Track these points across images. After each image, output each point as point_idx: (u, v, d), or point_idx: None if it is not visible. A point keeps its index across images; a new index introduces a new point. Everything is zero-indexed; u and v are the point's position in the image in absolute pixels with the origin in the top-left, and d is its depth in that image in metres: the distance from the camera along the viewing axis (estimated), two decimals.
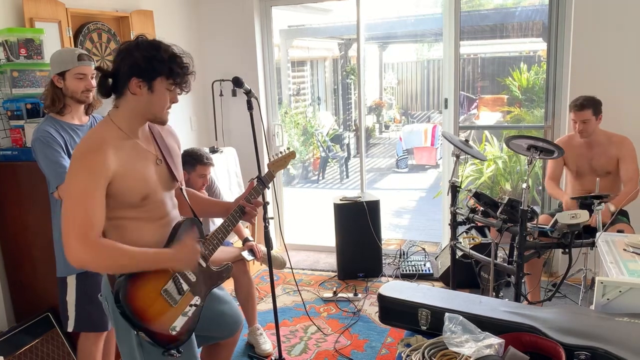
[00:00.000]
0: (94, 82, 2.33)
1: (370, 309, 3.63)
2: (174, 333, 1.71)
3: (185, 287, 1.78)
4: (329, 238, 4.48)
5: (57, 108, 2.31)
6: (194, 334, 1.83)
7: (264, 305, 3.73)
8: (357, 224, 4.10)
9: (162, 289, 1.70)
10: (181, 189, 1.97)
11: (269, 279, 2.65)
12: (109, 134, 1.66)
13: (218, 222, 2.56)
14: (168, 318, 1.71)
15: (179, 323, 1.73)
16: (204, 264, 1.90)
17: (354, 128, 10.89)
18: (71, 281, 2.36)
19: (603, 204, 2.81)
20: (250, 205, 2.06)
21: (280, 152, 2.32)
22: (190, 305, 1.78)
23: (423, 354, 1.78)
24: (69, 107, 2.34)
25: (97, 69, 1.71)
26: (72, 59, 2.29)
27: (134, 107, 1.68)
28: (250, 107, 2.43)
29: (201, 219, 1.99)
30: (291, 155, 2.33)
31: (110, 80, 1.67)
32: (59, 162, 2.22)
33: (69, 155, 2.23)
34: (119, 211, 1.66)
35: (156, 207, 1.76)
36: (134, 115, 1.70)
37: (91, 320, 2.39)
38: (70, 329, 2.40)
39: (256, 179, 2.16)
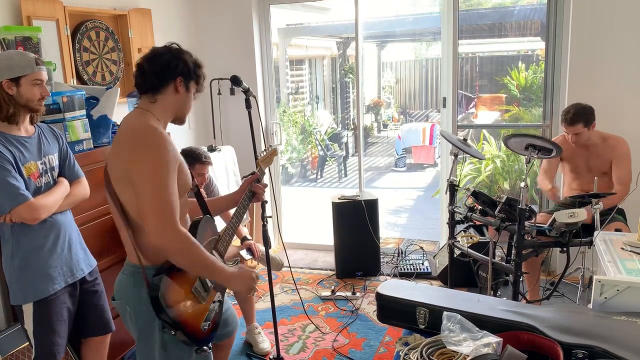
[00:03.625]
0: (48, 89, 2.19)
1: (369, 307, 3.63)
2: (204, 330, 1.77)
3: (209, 284, 1.83)
4: (327, 237, 4.48)
5: (13, 119, 2.08)
6: None
7: (262, 304, 3.73)
8: (356, 223, 4.10)
9: (192, 288, 1.75)
10: (198, 188, 2.01)
11: (267, 278, 2.65)
12: (156, 123, 1.70)
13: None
14: (199, 315, 1.77)
15: (208, 319, 1.80)
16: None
17: (352, 127, 10.89)
18: (28, 309, 2.16)
19: (601, 202, 2.81)
20: (259, 186, 2.14)
21: (265, 150, 2.40)
22: (214, 302, 1.85)
23: (421, 352, 1.78)
24: (21, 116, 2.11)
25: (140, 66, 1.75)
26: (30, 63, 2.07)
27: (171, 103, 1.76)
28: (248, 105, 2.43)
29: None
30: (274, 152, 2.44)
31: (151, 77, 1.73)
32: (11, 183, 2.00)
33: (19, 172, 2.05)
34: None
35: (185, 202, 1.83)
36: (168, 111, 1.77)
37: (51, 348, 2.20)
38: (32, 357, 2.22)
39: (257, 173, 2.22)
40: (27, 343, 2.51)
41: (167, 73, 1.72)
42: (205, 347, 1.76)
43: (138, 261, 1.69)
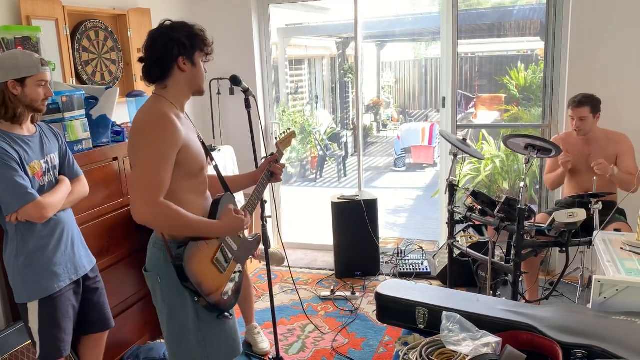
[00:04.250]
0: (52, 89, 2.20)
1: (368, 307, 3.63)
2: (225, 298, 1.88)
3: (230, 255, 1.93)
4: (327, 237, 4.48)
5: (16, 118, 2.09)
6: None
7: (261, 304, 3.73)
8: (355, 223, 4.10)
9: (213, 259, 1.85)
10: (216, 166, 2.07)
11: (266, 278, 2.65)
12: (167, 108, 1.75)
13: None
14: (220, 284, 1.87)
15: (229, 288, 1.91)
16: (241, 235, 2.02)
17: (351, 127, 10.89)
18: (33, 307, 2.16)
19: (600, 202, 2.81)
20: (278, 167, 2.22)
21: (284, 132, 2.45)
22: (235, 272, 1.95)
23: (420, 352, 1.78)
24: (24, 116, 2.12)
25: (142, 60, 1.80)
26: (36, 64, 2.09)
27: (183, 83, 1.80)
28: (248, 105, 2.43)
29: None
30: (293, 134, 2.47)
31: (156, 66, 1.78)
32: (18, 182, 2.01)
33: (25, 171, 2.06)
34: (178, 182, 1.75)
35: (204, 180, 1.89)
36: (182, 91, 1.82)
37: (57, 345, 2.22)
38: (37, 355, 2.24)
39: (275, 154, 2.28)
40: (28, 342, 2.51)
41: (166, 59, 1.75)
42: (226, 314, 1.86)
43: (162, 236, 1.78)
